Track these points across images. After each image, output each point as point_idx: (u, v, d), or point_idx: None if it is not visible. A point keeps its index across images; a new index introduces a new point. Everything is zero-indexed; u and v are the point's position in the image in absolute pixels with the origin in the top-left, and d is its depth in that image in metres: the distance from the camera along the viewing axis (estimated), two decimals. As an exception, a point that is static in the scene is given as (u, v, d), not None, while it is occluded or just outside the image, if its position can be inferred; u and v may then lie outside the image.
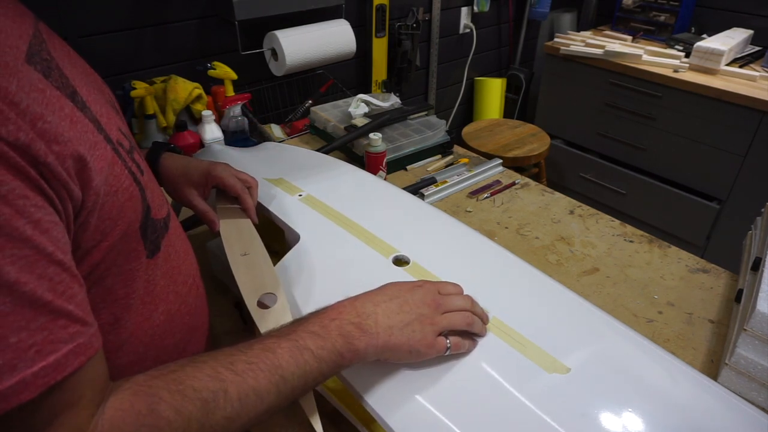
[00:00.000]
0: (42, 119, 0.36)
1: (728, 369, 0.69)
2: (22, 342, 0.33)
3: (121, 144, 0.47)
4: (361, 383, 0.54)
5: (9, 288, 0.33)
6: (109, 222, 0.44)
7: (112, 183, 0.44)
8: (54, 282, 0.36)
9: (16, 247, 0.33)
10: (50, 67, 0.42)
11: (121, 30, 1.36)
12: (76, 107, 0.42)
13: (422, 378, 0.55)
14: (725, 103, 1.76)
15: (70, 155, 0.38)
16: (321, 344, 0.48)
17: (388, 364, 0.56)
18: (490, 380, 0.54)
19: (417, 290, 0.56)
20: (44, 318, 0.35)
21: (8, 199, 0.33)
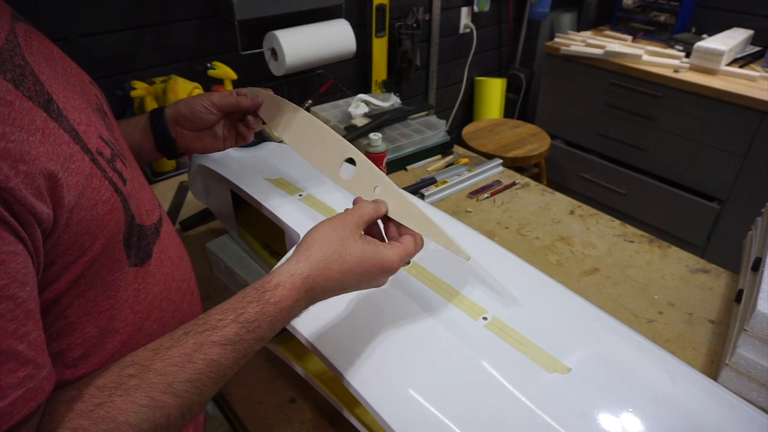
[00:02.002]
0: (6, 138, 0.34)
1: (728, 369, 0.69)
2: None
3: (101, 153, 0.45)
4: (361, 383, 0.54)
5: None
6: (87, 237, 0.41)
7: (90, 196, 0.41)
8: (6, 320, 0.33)
9: None
10: (23, 74, 0.39)
11: (121, 30, 1.36)
12: (50, 117, 0.39)
13: (422, 378, 0.55)
14: (725, 103, 1.76)
15: (40, 173, 0.36)
16: (268, 336, 0.46)
17: (387, 364, 0.55)
18: (490, 380, 0.54)
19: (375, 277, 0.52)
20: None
21: None
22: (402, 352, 0.58)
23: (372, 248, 0.51)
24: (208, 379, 0.41)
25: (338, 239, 0.50)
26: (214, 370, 0.42)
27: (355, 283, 0.51)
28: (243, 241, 0.89)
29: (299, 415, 0.68)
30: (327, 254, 0.49)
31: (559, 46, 2.16)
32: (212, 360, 0.42)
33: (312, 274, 0.48)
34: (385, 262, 0.51)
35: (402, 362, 0.57)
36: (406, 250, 0.53)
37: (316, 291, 0.49)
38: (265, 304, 0.45)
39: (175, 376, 0.40)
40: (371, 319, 0.61)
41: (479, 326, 0.60)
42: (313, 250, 0.49)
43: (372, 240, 0.53)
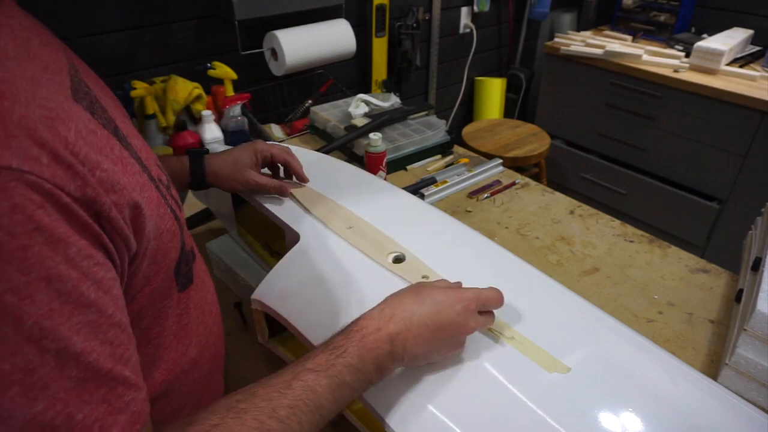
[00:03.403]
0: (100, 167, 0.34)
1: (728, 369, 0.69)
2: (87, 418, 0.32)
3: (160, 180, 0.46)
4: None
5: (75, 360, 0.32)
6: (154, 267, 0.43)
7: (160, 225, 0.42)
8: (114, 346, 0.34)
9: (82, 314, 0.32)
10: (92, 101, 0.39)
11: (121, 30, 1.36)
12: (122, 146, 0.40)
13: (423, 378, 0.55)
14: (725, 103, 1.76)
15: (127, 204, 0.36)
16: (358, 377, 0.47)
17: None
18: (490, 379, 0.54)
19: (460, 314, 0.52)
20: (105, 389, 0.33)
21: (75, 262, 0.32)
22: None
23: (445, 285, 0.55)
24: (306, 407, 0.43)
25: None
26: (310, 397, 0.43)
27: (434, 313, 0.51)
28: (243, 241, 0.89)
29: (299, 415, 0.68)
30: (406, 294, 0.53)
31: (559, 46, 2.16)
32: (308, 386, 0.43)
33: (388, 305, 0.51)
34: (458, 290, 0.54)
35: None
36: (479, 290, 0.55)
37: (395, 317, 0.50)
38: (348, 332, 0.49)
39: (277, 402, 0.42)
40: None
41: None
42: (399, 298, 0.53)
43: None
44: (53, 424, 0.31)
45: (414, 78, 2.10)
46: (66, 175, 0.32)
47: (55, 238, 0.31)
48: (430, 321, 0.51)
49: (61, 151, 0.32)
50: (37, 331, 0.30)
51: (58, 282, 0.31)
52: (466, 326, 0.53)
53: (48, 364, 0.30)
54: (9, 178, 0.29)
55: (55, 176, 0.31)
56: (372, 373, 0.48)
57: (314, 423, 0.43)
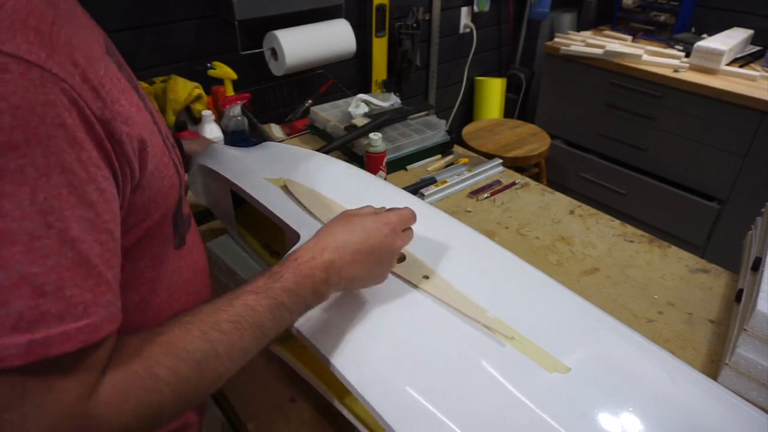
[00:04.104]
0: (119, 102, 0.41)
1: (728, 369, 0.69)
2: (75, 297, 0.36)
3: (167, 137, 0.53)
4: (362, 383, 0.54)
5: (71, 244, 0.36)
6: (152, 204, 0.48)
7: (162, 169, 0.49)
8: (104, 249, 0.39)
9: (83, 209, 0.37)
10: (120, 62, 0.47)
11: (121, 30, 1.36)
12: (140, 98, 0.47)
13: (423, 377, 0.55)
14: (725, 103, 1.76)
15: (136, 137, 0.43)
16: (295, 300, 0.51)
17: (388, 364, 0.56)
18: (490, 379, 0.54)
19: (384, 233, 0.58)
20: (92, 280, 0.37)
21: (86, 165, 0.37)
22: (402, 352, 0.58)
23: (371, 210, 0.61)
24: (247, 323, 0.46)
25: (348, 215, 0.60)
26: (250, 315, 0.47)
27: (364, 238, 0.56)
28: (243, 241, 0.89)
29: (299, 415, 0.68)
30: (336, 224, 0.59)
31: (559, 46, 2.16)
32: (248, 305, 0.47)
33: (321, 236, 0.56)
34: (383, 214, 0.60)
35: (402, 362, 0.57)
36: (399, 211, 0.61)
37: (328, 246, 0.55)
38: (285, 261, 0.53)
39: (219, 317, 0.46)
40: (371, 319, 0.61)
41: (479, 326, 0.60)
42: (330, 229, 0.58)
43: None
44: (44, 290, 0.35)
45: (414, 78, 2.10)
46: (91, 95, 0.38)
47: (74, 138, 0.37)
48: (362, 246, 0.56)
49: (90, 77, 0.39)
50: (46, 207, 0.35)
51: (70, 174, 0.36)
52: (394, 245, 0.59)
53: (50, 238, 0.35)
54: (50, 79, 0.35)
55: (83, 91, 0.38)
56: (309, 298, 0.52)
57: (255, 338, 0.47)
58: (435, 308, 0.62)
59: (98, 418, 0.37)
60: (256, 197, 0.80)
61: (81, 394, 0.37)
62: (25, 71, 0.35)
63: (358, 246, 0.56)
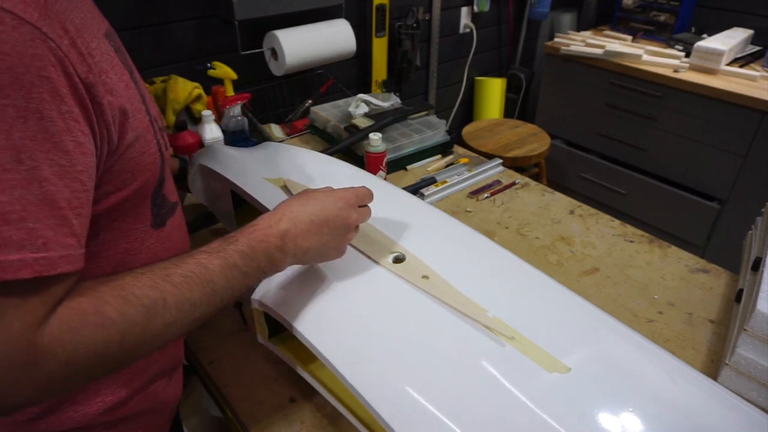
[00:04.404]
0: (106, 74, 0.45)
1: (728, 369, 0.69)
2: (36, 230, 0.39)
3: (156, 120, 0.56)
4: (361, 383, 0.54)
5: (39, 183, 0.39)
6: (129, 174, 0.51)
7: (142, 144, 0.51)
8: (73, 195, 0.41)
9: (57, 156, 0.40)
10: (118, 48, 0.52)
11: (121, 30, 1.36)
12: (131, 80, 0.51)
13: (423, 377, 0.55)
14: (725, 103, 1.76)
15: (118, 107, 0.46)
16: (248, 263, 0.52)
17: (388, 364, 0.56)
18: (490, 379, 0.54)
19: (340, 206, 0.60)
20: (56, 220, 0.40)
21: (65, 117, 0.40)
22: (402, 352, 0.58)
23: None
24: (198, 279, 0.48)
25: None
26: (202, 272, 0.49)
27: (318, 210, 0.58)
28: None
29: (299, 415, 0.68)
30: (294, 198, 0.60)
31: (559, 46, 2.16)
32: (200, 262, 0.49)
33: (278, 208, 0.58)
34: (339, 190, 0.62)
35: (402, 362, 0.57)
36: (354, 188, 0.63)
37: (284, 217, 0.56)
38: (242, 229, 0.55)
39: (172, 270, 0.48)
40: (371, 319, 0.61)
41: (479, 326, 0.60)
42: (287, 203, 0.60)
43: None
44: (7, 217, 0.38)
45: (414, 78, 2.10)
46: (77, 59, 0.42)
47: (56, 91, 0.40)
48: (316, 217, 0.58)
49: (79, 44, 0.42)
50: (20, 144, 0.38)
51: (48, 121, 0.39)
52: (349, 218, 0.61)
53: (19, 173, 0.38)
54: (39, 36, 0.39)
55: (70, 54, 0.41)
56: (263, 263, 0.54)
57: (205, 294, 0.49)
58: (435, 308, 0.62)
59: (44, 348, 0.39)
60: (256, 197, 0.80)
61: (30, 322, 0.39)
62: (18, 25, 0.38)
63: (313, 217, 0.57)
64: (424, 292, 0.64)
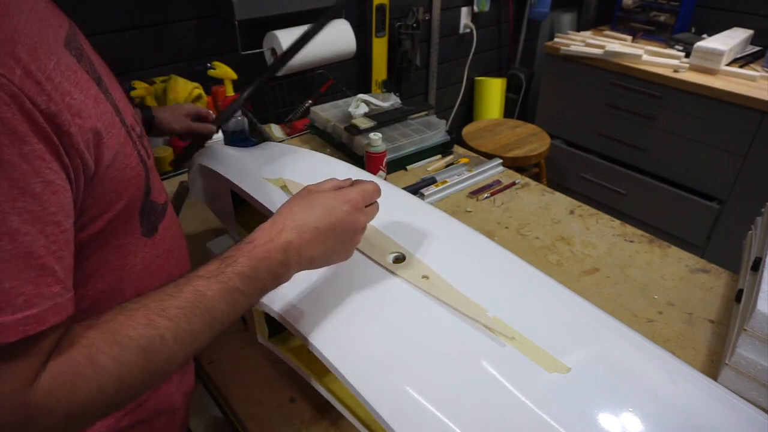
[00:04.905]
0: (70, 95, 0.41)
1: (728, 369, 0.69)
2: (14, 289, 0.36)
3: (133, 129, 0.53)
4: (362, 383, 0.54)
5: (10, 236, 0.36)
6: (114, 195, 0.48)
7: (122, 160, 0.48)
8: (50, 240, 0.38)
9: (26, 202, 0.37)
10: (82, 54, 0.47)
11: (121, 30, 1.36)
12: (100, 90, 0.47)
13: (423, 377, 0.55)
14: (725, 103, 1.76)
15: (90, 129, 0.43)
16: (250, 284, 0.49)
17: (388, 364, 0.56)
18: (490, 379, 0.54)
19: (346, 210, 0.55)
20: (35, 272, 0.37)
21: (29, 159, 0.37)
22: (402, 352, 0.58)
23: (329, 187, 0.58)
24: (197, 309, 0.45)
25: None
26: (200, 300, 0.46)
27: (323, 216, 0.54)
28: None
29: (299, 415, 0.68)
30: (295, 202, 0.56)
31: (559, 46, 2.16)
32: (198, 290, 0.46)
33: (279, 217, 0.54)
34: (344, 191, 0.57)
35: (402, 362, 0.57)
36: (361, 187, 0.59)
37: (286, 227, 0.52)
38: (240, 245, 0.51)
39: (168, 303, 0.44)
40: (371, 320, 0.61)
41: (479, 326, 0.60)
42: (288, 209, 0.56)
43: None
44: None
45: (414, 78, 2.10)
46: (35, 89, 0.38)
47: (13, 132, 0.36)
48: (321, 224, 0.53)
49: (33, 71, 0.38)
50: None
51: (9, 167, 0.36)
52: (357, 222, 0.56)
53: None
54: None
55: (24, 86, 0.37)
56: (267, 280, 0.50)
57: (206, 324, 0.46)
58: (435, 308, 0.62)
59: (38, 406, 0.37)
60: (256, 197, 0.80)
61: (20, 383, 0.37)
62: None
63: (317, 225, 0.53)
64: (424, 292, 0.64)
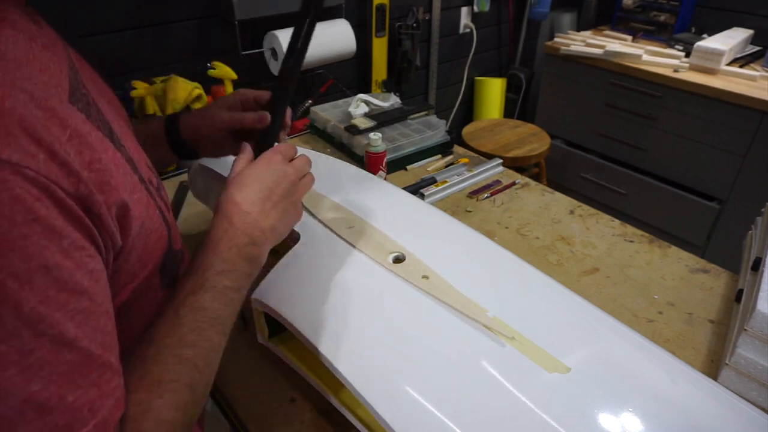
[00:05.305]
0: (91, 167, 0.37)
1: (728, 369, 0.69)
2: (78, 401, 0.34)
3: (151, 182, 0.48)
4: (362, 383, 0.54)
5: (69, 345, 0.34)
6: (139, 264, 0.45)
7: (148, 225, 0.45)
8: (104, 333, 0.37)
9: (77, 301, 0.34)
10: (88, 103, 0.42)
11: (121, 30, 1.36)
12: (115, 147, 0.42)
13: (423, 377, 0.55)
14: (725, 103, 1.76)
15: (115, 203, 0.39)
16: (234, 277, 0.49)
17: (388, 364, 0.56)
18: (490, 379, 0.54)
19: (272, 170, 0.56)
20: (95, 374, 0.36)
21: (69, 252, 0.34)
22: (402, 352, 0.58)
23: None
24: (205, 324, 0.46)
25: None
26: (203, 315, 0.46)
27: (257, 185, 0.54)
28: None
29: (299, 415, 0.68)
30: (227, 190, 0.54)
31: (559, 46, 2.16)
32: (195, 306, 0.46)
33: (221, 208, 0.52)
34: (260, 159, 0.56)
35: (402, 362, 0.57)
36: (274, 148, 0.58)
37: (233, 211, 0.52)
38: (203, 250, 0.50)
39: (179, 332, 0.44)
40: (371, 320, 0.61)
41: (479, 326, 0.60)
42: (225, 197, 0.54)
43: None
44: (48, 405, 0.33)
45: (414, 78, 2.10)
46: (61, 172, 0.34)
47: (51, 229, 0.33)
48: (260, 192, 0.54)
49: (57, 150, 0.34)
50: (35, 317, 0.32)
51: (56, 271, 0.33)
52: (287, 174, 0.56)
53: (44, 347, 0.33)
54: (10, 171, 0.31)
55: (51, 172, 0.33)
56: (245, 266, 0.51)
57: (219, 333, 0.47)
58: (435, 308, 0.62)
59: None
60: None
61: None
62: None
63: (257, 195, 0.53)
64: (424, 292, 0.64)
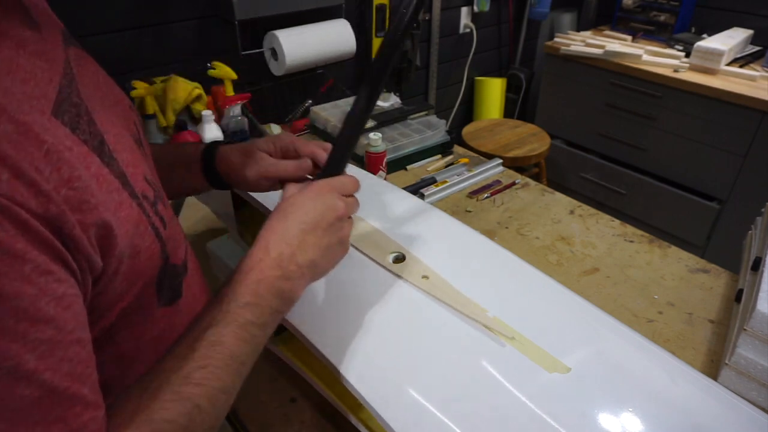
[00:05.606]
0: (68, 185, 0.34)
1: (728, 369, 0.69)
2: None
3: (146, 197, 0.45)
4: (361, 383, 0.54)
5: (27, 379, 0.31)
6: (126, 284, 0.42)
7: (137, 244, 0.42)
8: (73, 363, 0.34)
9: (39, 331, 0.32)
10: (79, 113, 0.39)
11: (121, 30, 1.36)
12: (103, 162, 0.39)
13: (423, 377, 0.55)
14: (725, 103, 1.76)
15: (94, 223, 0.36)
16: (258, 312, 0.46)
17: (388, 364, 0.56)
18: (490, 379, 0.54)
19: (321, 202, 0.52)
20: (61, 407, 0.33)
21: (32, 278, 0.31)
22: (402, 352, 0.58)
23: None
24: (219, 361, 0.42)
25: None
26: (219, 351, 0.42)
27: (302, 217, 0.50)
28: (243, 241, 0.89)
29: (299, 415, 0.68)
30: (270, 220, 0.51)
31: (559, 46, 2.16)
32: (211, 341, 0.42)
33: (260, 237, 0.49)
34: (311, 187, 0.53)
35: (402, 362, 0.57)
36: (329, 179, 0.55)
37: (270, 243, 0.48)
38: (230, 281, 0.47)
39: (188, 367, 0.41)
40: (371, 320, 0.61)
41: (479, 326, 0.60)
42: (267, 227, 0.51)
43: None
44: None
45: (414, 78, 2.09)
46: (27, 192, 0.31)
47: (10, 254, 0.30)
48: (303, 224, 0.50)
49: (24, 168, 0.31)
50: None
51: (14, 299, 0.30)
52: (337, 209, 0.52)
53: (1, 384, 0.30)
54: None
55: (15, 192, 0.31)
56: (274, 302, 0.47)
57: (234, 373, 0.43)
58: (435, 308, 0.62)
59: None
60: (256, 198, 0.80)
61: None
62: None
63: (301, 226, 0.50)
64: (424, 292, 0.64)
